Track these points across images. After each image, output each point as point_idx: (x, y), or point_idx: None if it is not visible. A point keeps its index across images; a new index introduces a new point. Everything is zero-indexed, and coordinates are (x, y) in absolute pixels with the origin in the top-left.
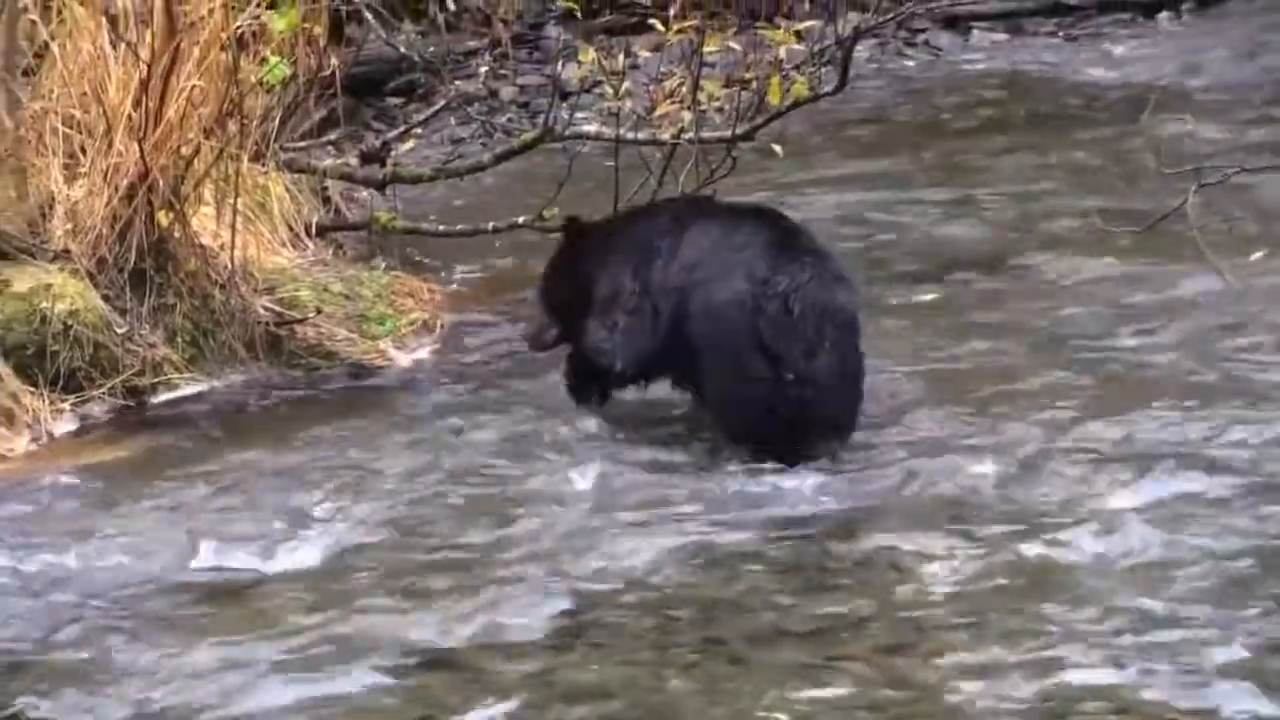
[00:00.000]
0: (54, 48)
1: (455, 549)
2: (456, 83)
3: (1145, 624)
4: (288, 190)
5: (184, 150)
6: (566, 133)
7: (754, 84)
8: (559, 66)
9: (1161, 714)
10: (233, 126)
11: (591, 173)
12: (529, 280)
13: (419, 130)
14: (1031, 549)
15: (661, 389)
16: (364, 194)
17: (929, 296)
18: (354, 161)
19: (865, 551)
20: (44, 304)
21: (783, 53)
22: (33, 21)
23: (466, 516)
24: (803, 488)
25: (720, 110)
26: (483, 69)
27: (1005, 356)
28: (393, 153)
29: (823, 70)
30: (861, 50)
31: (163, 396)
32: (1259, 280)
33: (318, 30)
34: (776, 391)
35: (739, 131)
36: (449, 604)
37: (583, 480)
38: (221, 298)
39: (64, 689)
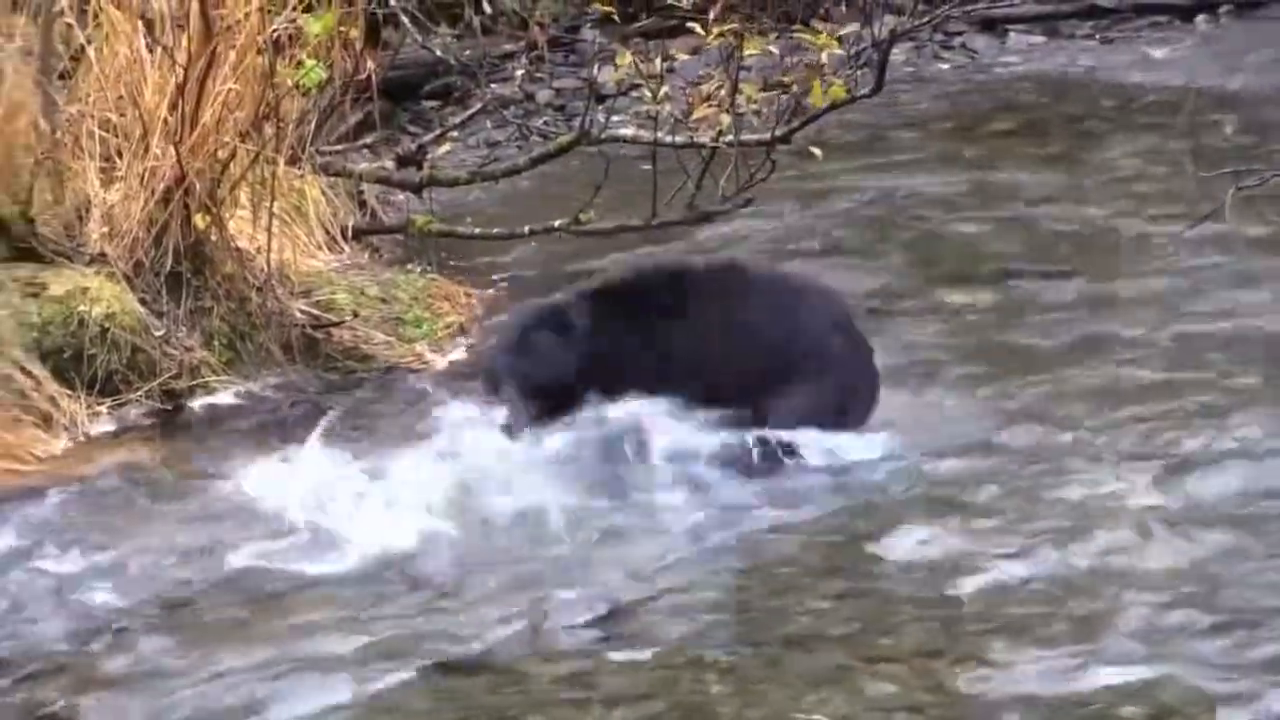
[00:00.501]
0: (90, 51)
1: (490, 553)
2: (492, 86)
3: (1182, 626)
4: (324, 194)
5: (220, 154)
6: (603, 136)
7: (793, 87)
8: (595, 70)
9: (1199, 717)
10: (269, 130)
11: (628, 176)
12: (565, 284)
13: (455, 133)
14: (1068, 551)
15: None
16: (400, 197)
17: (969, 298)
18: (390, 165)
19: (901, 554)
20: (81, 307)
21: (824, 57)
22: (69, 25)
23: (501, 520)
24: (837, 491)
25: (757, 113)
26: (519, 72)
27: (1044, 358)
28: (429, 156)
29: (859, 73)
30: (898, 53)
31: (200, 399)
32: None
33: (354, 34)
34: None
35: (777, 134)
36: (485, 608)
37: (616, 484)
38: (258, 301)
39: (99, 691)
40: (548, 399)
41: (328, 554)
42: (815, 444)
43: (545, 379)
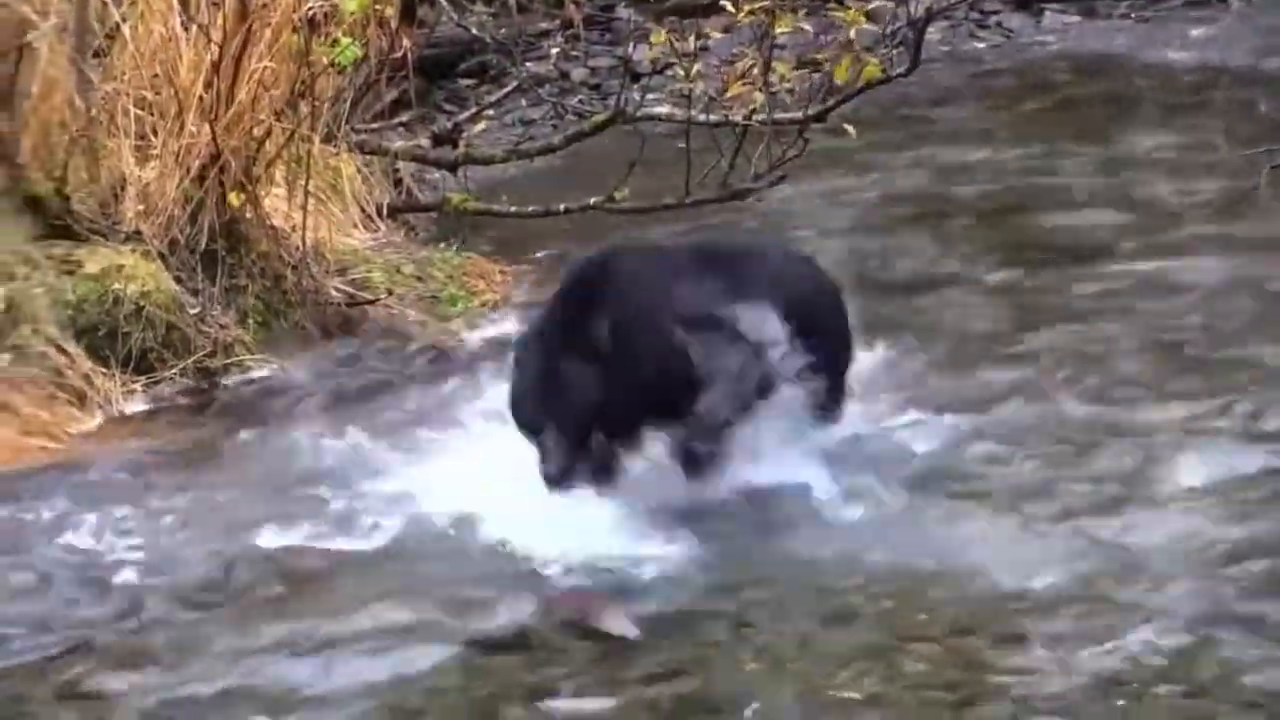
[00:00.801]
0: (125, 29)
1: (527, 531)
2: (528, 64)
3: (1217, 606)
4: (359, 172)
5: (255, 132)
6: (638, 114)
7: (826, 65)
8: (630, 48)
9: (1234, 696)
10: (304, 108)
11: (663, 154)
12: None
13: (490, 112)
14: (1101, 530)
15: None
16: (435, 175)
17: (1002, 277)
18: (426, 143)
19: (936, 532)
20: (116, 285)
21: (854, 34)
22: (104, 3)
23: (538, 499)
24: (872, 469)
25: (791, 92)
26: (554, 50)
27: (1075, 337)
28: (464, 134)
29: (894, 52)
30: (933, 32)
31: (234, 377)
32: None
33: (389, 12)
34: None
35: (811, 112)
36: (520, 585)
37: (650, 465)
38: (293, 279)
39: (133, 668)
40: (591, 426)
41: (363, 531)
42: (850, 420)
43: (584, 407)
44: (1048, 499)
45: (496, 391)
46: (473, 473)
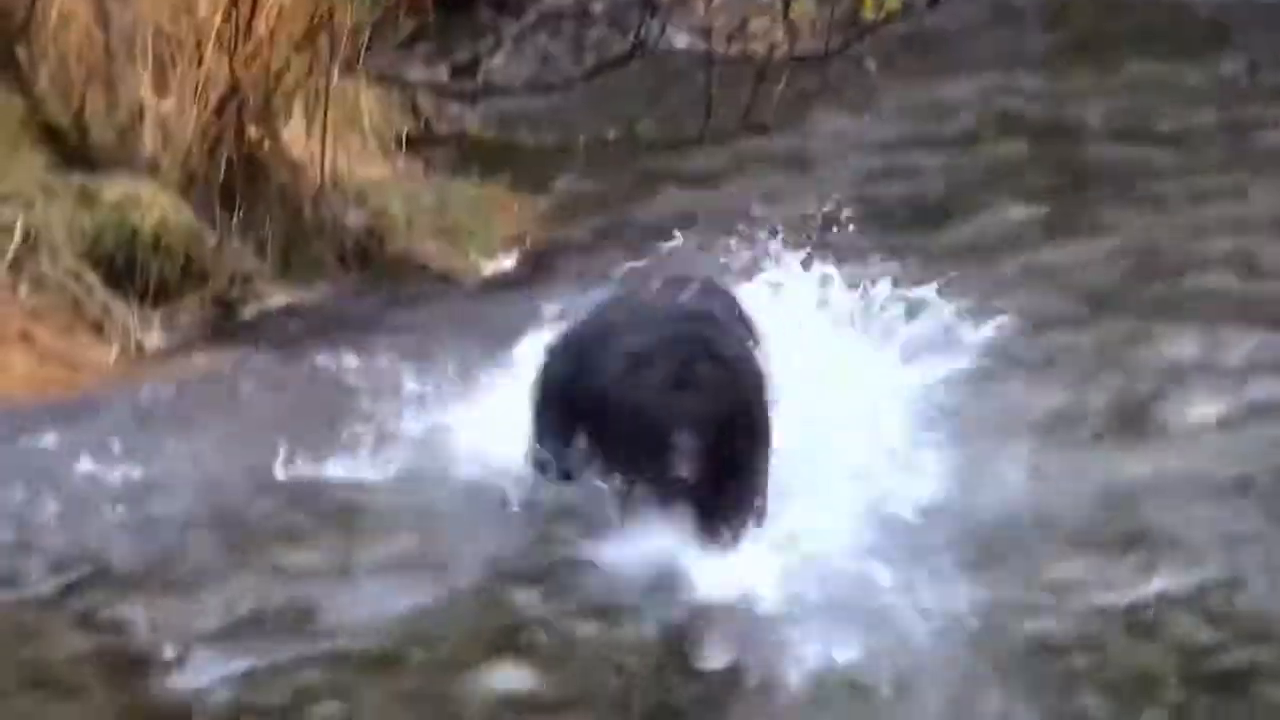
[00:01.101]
0: None
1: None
2: None
3: (1236, 537)
4: (378, 103)
5: (274, 64)
6: (658, 48)
7: None
8: None
9: (1254, 626)
10: (323, 40)
11: (683, 87)
12: (619, 195)
13: (510, 44)
14: (1120, 462)
15: None
16: (454, 108)
17: (1028, 207)
18: (445, 75)
19: (951, 464)
20: (134, 215)
21: None
22: None
23: None
24: (886, 403)
25: (812, 25)
26: None
27: (1097, 271)
28: (483, 66)
29: None
30: None
31: (252, 307)
32: None
33: None
34: None
35: (832, 46)
36: (538, 519)
37: None
38: (311, 210)
39: (154, 597)
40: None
41: (383, 461)
42: (873, 351)
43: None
44: (1070, 429)
45: (515, 322)
46: (492, 403)
